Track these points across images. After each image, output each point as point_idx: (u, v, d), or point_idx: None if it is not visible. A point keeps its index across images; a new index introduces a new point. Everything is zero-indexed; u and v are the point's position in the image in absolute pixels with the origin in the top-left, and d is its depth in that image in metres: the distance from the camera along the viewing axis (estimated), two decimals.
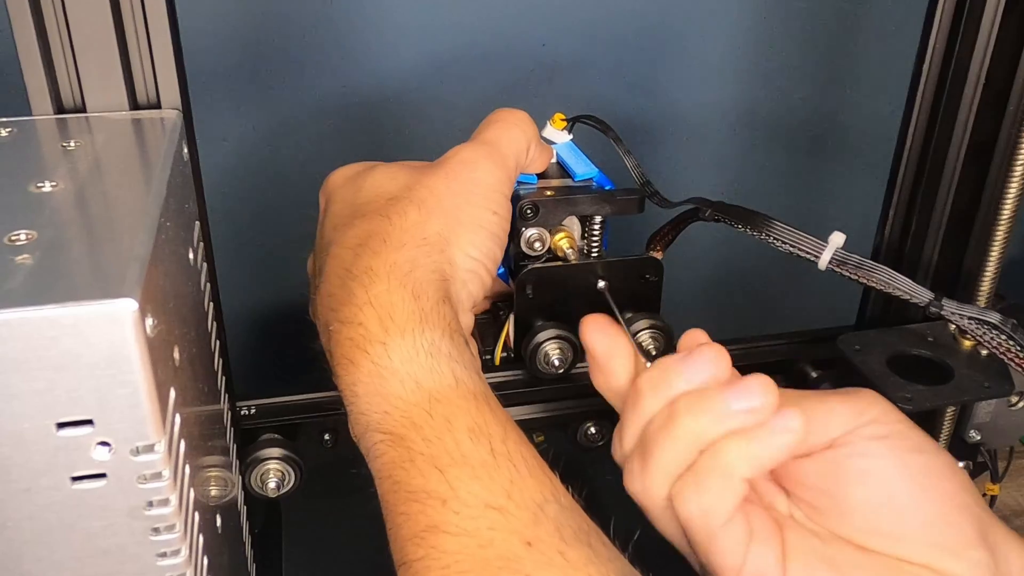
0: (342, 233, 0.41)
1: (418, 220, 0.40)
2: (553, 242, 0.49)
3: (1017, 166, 0.55)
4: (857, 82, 0.91)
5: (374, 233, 0.40)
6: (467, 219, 0.42)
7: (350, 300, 0.38)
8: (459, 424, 0.35)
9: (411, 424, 0.36)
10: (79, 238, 0.33)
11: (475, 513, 0.33)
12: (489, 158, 0.44)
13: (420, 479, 0.35)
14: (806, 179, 0.95)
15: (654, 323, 0.58)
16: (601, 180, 0.51)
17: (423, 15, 0.77)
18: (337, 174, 0.46)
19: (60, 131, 0.42)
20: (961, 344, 0.59)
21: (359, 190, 0.43)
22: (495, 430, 0.36)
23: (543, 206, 0.48)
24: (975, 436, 0.63)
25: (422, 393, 0.36)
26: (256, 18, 0.74)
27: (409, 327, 0.37)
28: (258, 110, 0.77)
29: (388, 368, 0.37)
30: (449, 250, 0.41)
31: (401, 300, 0.38)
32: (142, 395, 0.29)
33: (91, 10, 0.43)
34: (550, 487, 0.35)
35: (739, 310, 1.02)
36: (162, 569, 0.33)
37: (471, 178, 0.43)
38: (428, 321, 0.37)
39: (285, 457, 0.58)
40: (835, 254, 0.51)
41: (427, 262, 0.40)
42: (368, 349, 0.37)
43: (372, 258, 0.39)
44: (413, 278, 0.38)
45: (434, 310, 0.38)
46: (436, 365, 0.37)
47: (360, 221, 0.41)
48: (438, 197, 0.42)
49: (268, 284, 0.85)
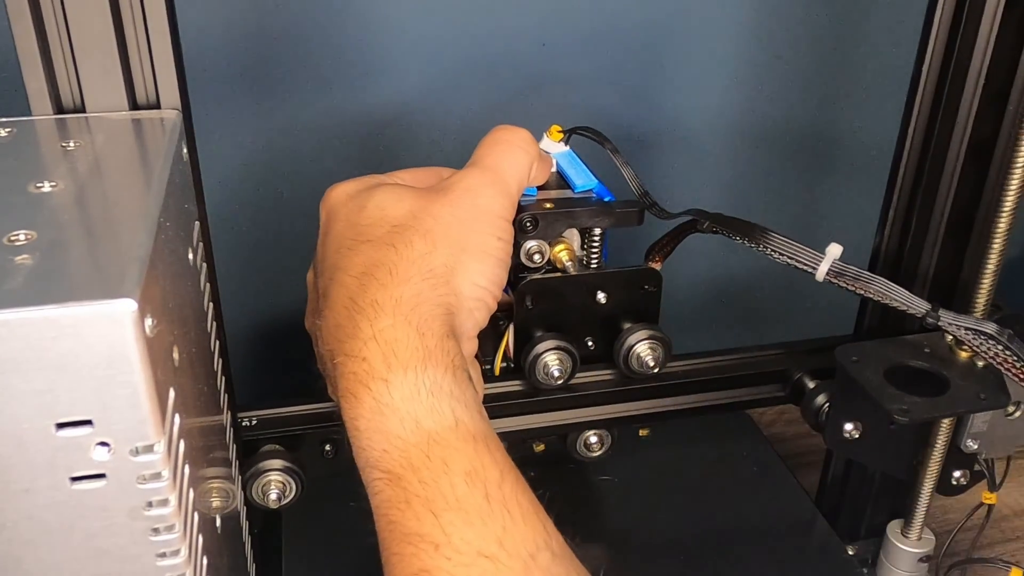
0: (347, 259, 0.41)
1: (424, 251, 0.40)
2: (552, 254, 0.50)
3: (1017, 167, 0.55)
4: (856, 93, 0.91)
5: (380, 263, 0.40)
6: (472, 247, 0.42)
7: (355, 334, 0.38)
8: (456, 467, 0.36)
9: (409, 465, 0.36)
10: (79, 238, 0.33)
11: (467, 560, 0.34)
12: (493, 185, 0.44)
13: (415, 522, 0.35)
14: (804, 188, 0.95)
15: (653, 334, 0.59)
16: (601, 191, 0.51)
17: (421, 21, 0.76)
18: (338, 190, 0.46)
19: (60, 131, 0.42)
20: (958, 355, 0.59)
21: (362, 210, 0.43)
22: (491, 474, 0.36)
23: (542, 219, 0.48)
24: (972, 446, 0.63)
25: (421, 434, 0.36)
26: (257, 18, 0.73)
27: (412, 364, 0.37)
28: (259, 110, 0.77)
29: (389, 406, 0.37)
30: (455, 281, 0.41)
31: (405, 336, 0.38)
32: (142, 395, 0.29)
33: (91, 10, 0.43)
34: (543, 534, 0.36)
35: (737, 320, 1.02)
36: (162, 569, 0.33)
37: (475, 205, 0.43)
38: (432, 359, 0.38)
39: (286, 468, 0.58)
40: (832, 265, 0.51)
41: (432, 296, 0.40)
42: (371, 385, 0.37)
43: (378, 291, 0.39)
44: (418, 314, 0.39)
45: (438, 347, 0.38)
46: (437, 404, 0.37)
47: (365, 248, 0.41)
48: (444, 226, 0.41)
49: (269, 295, 0.85)
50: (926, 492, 0.66)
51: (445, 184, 0.44)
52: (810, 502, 0.75)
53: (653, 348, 0.59)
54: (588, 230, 0.50)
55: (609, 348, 0.60)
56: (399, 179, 0.48)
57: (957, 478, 0.65)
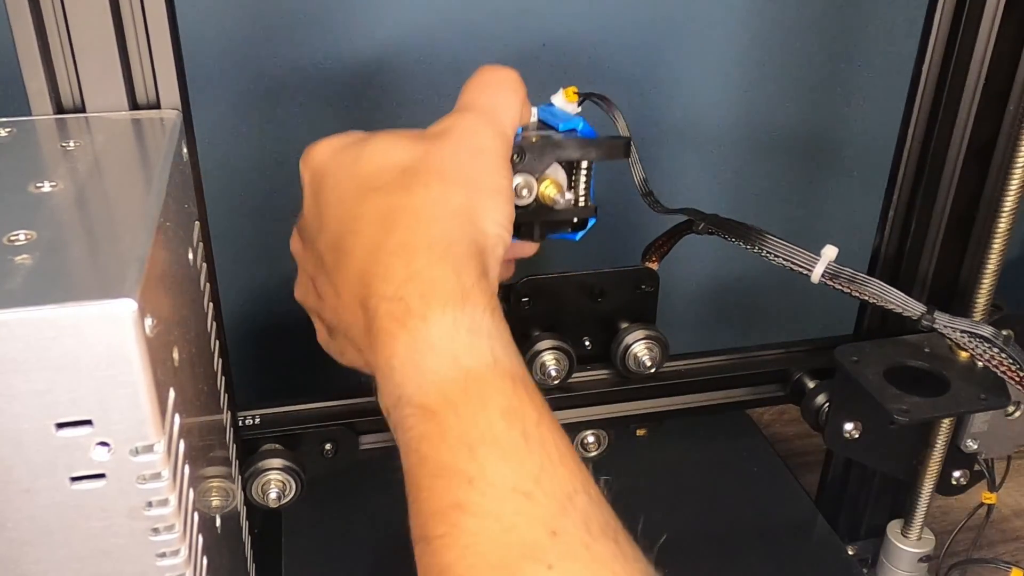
0: (357, 208, 0.40)
1: (443, 192, 0.40)
2: (540, 191, 0.48)
3: (1017, 167, 0.55)
4: (855, 93, 0.91)
5: (400, 207, 0.39)
6: (485, 187, 0.41)
7: (388, 276, 0.37)
8: (494, 404, 0.35)
9: (445, 400, 0.35)
10: (79, 238, 0.33)
11: (501, 496, 0.33)
12: (491, 126, 0.43)
13: (448, 455, 0.34)
14: (804, 188, 0.95)
15: (649, 333, 0.59)
16: (585, 130, 0.50)
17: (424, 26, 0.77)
18: (323, 146, 0.44)
19: (60, 131, 0.42)
20: (957, 355, 0.59)
21: (358, 161, 0.41)
22: (529, 413, 0.35)
23: (529, 150, 0.46)
24: (972, 446, 0.63)
25: (459, 370, 0.35)
26: (257, 17, 0.74)
27: (451, 303, 0.36)
28: (259, 110, 0.77)
29: (427, 343, 0.36)
30: (477, 220, 0.40)
31: (443, 276, 0.37)
32: (141, 395, 0.29)
33: (91, 10, 0.43)
34: (580, 477, 0.35)
35: (736, 320, 1.02)
36: (161, 569, 0.33)
37: (479, 147, 0.42)
38: (470, 298, 0.37)
39: (286, 467, 0.58)
40: (828, 267, 0.51)
41: (463, 235, 0.39)
42: (407, 323, 0.36)
43: (407, 233, 0.38)
44: (453, 254, 0.38)
45: (476, 286, 0.37)
46: (476, 343, 0.36)
47: (376, 195, 0.40)
48: (456, 167, 0.41)
49: (269, 295, 0.85)
50: (926, 492, 0.66)
51: (442, 128, 0.43)
52: (810, 502, 0.75)
53: (650, 348, 0.59)
54: (575, 165, 0.49)
55: (606, 348, 0.60)
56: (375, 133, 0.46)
57: (957, 478, 0.65)
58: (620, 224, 0.81)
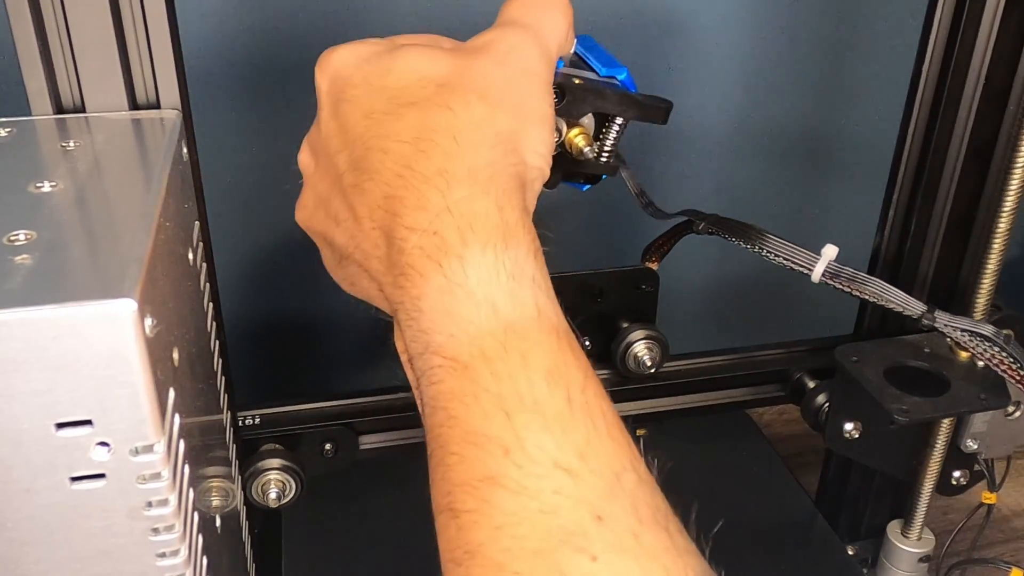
0: (387, 124, 0.35)
1: (486, 114, 0.35)
2: (568, 137, 0.44)
3: (1017, 167, 0.55)
4: (855, 93, 0.91)
5: (438, 127, 0.34)
6: (530, 112, 0.37)
7: (422, 204, 0.33)
8: (536, 363, 0.31)
9: (480, 354, 0.31)
10: (78, 238, 0.33)
11: (541, 471, 0.29)
12: (537, 46, 0.38)
13: (482, 419, 0.30)
14: (804, 188, 0.95)
15: (649, 333, 0.59)
16: (628, 82, 0.46)
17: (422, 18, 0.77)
18: (344, 52, 0.39)
19: (60, 131, 0.42)
20: (958, 355, 0.59)
21: (388, 72, 0.37)
22: (575, 375, 0.31)
23: (570, 92, 0.42)
24: (972, 445, 0.63)
25: (498, 321, 0.31)
26: (257, 16, 0.74)
27: (492, 241, 0.32)
28: (259, 109, 0.77)
29: (463, 286, 0.32)
30: (521, 149, 0.36)
31: (484, 210, 0.33)
32: (141, 395, 0.29)
33: (91, 10, 0.43)
34: (629, 453, 0.31)
35: (736, 320, 1.02)
36: (161, 569, 0.33)
37: (525, 67, 0.37)
38: (513, 237, 0.33)
39: (286, 467, 0.58)
40: (828, 267, 0.51)
41: (505, 165, 0.35)
42: (442, 262, 0.32)
43: (445, 159, 0.34)
44: (495, 185, 0.34)
45: (519, 223, 0.33)
46: (518, 290, 0.32)
47: (410, 111, 0.35)
48: (500, 88, 0.36)
49: (269, 294, 0.85)
50: (926, 492, 0.66)
51: (483, 42, 0.38)
52: (810, 502, 0.75)
53: (650, 348, 0.59)
54: (609, 119, 0.45)
55: (606, 348, 0.60)
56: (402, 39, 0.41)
57: (957, 478, 0.65)
58: (620, 224, 0.81)
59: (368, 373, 0.89)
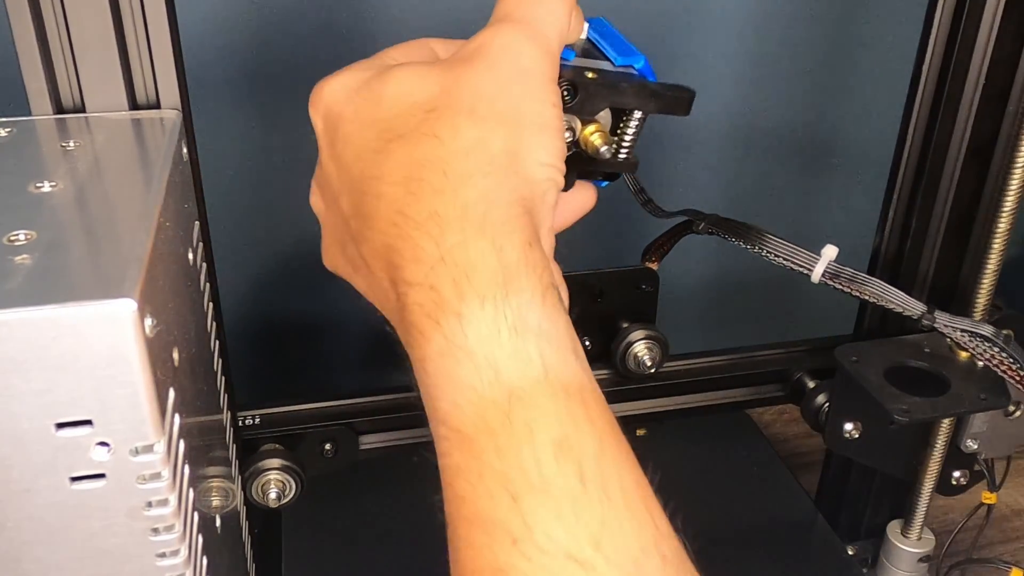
0: (378, 164, 0.33)
1: (476, 136, 0.32)
2: (583, 135, 0.40)
3: (1017, 167, 0.55)
4: (855, 93, 0.91)
5: (426, 162, 0.32)
6: (528, 120, 0.34)
7: (417, 256, 0.31)
8: (543, 435, 0.29)
9: (484, 426, 0.29)
10: (78, 238, 0.33)
11: (553, 565, 0.27)
12: (532, 40, 0.35)
13: (488, 501, 0.29)
14: (804, 188, 0.95)
15: (649, 333, 0.59)
16: (646, 70, 0.43)
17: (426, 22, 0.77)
18: (334, 84, 0.36)
19: (60, 131, 0.42)
20: (958, 355, 0.59)
21: (379, 102, 0.34)
22: (588, 444, 0.29)
23: (583, 89, 0.39)
24: (972, 446, 0.63)
25: (501, 386, 0.29)
26: (257, 16, 0.74)
27: (490, 291, 0.30)
28: (259, 109, 0.77)
29: (463, 348, 0.30)
30: (521, 166, 0.33)
31: (479, 254, 0.31)
32: (141, 395, 0.29)
33: (91, 10, 0.43)
34: (652, 530, 0.29)
35: (736, 319, 1.02)
36: (161, 569, 0.33)
37: (518, 68, 0.34)
38: (514, 281, 0.31)
39: (286, 467, 0.58)
40: (828, 267, 0.51)
41: (502, 193, 0.32)
42: (440, 320, 0.30)
43: (435, 198, 0.31)
44: (491, 221, 0.31)
45: (521, 261, 0.31)
46: (521, 346, 0.30)
47: (398, 146, 0.33)
48: (489, 100, 0.33)
49: (269, 294, 0.85)
50: (926, 492, 0.66)
51: (472, 47, 0.35)
52: (810, 502, 0.75)
53: (650, 348, 0.59)
54: (627, 113, 0.41)
55: (606, 348, 0.60)
56: (390, 58, 0.38)
57: (957, 478, 0.65)
58: (620, 224, 0.81)
59: (368, 373, 0.89)
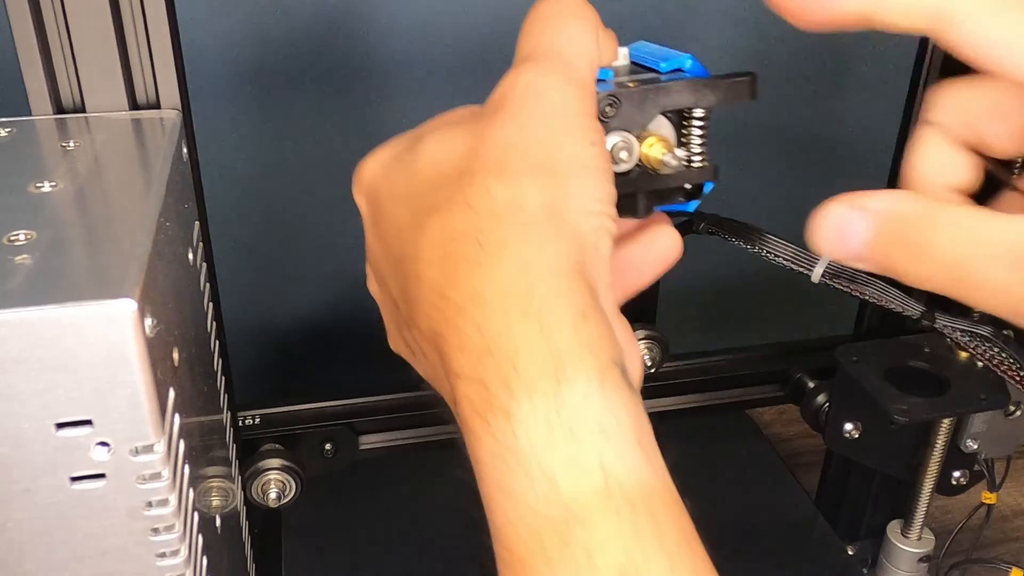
0: (415, 243, 0.31)
1: (508, 196, 0.29)
2: (642, 152, 0.36)
3: (1015, 167, 0.55)
4: (856, 92, 0.91)
5: (460, 235, 0.29)
6: (566, 166, 0.31)
7: (462, 344, 0.29)
8: (604, 562, 0.26)
9: (539, 550, 0.26)
10: (78, 238, 0.33)
11: None
12: (559, 75, 0.32)
13: None
14: (804, 187, 0.95)
15: (650, 333, 0.59)
16: (695, 69, 0.39)
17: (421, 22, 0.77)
18: (371, 163, 0.34)
19: (59, 131, 0.42)
20: (957, 355, 0.59)
21: (413, 175, 0.32)
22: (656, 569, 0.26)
23: (626, 99, 0.35)
24: (972, 445, 0.63)
25: (557, 503, 0.26)
26: (257, 17, 0.74)
27: (540, 385, 0.27)
28: (259, 109, 0.77)
29: (514, 451, 0.27)
30: (564, 220, 0.30)
31: (524, 339, 0.27)
32: (141, 395, 0.29)
33: (91, 10, 0.43)
34: None
35: (736, 319, 1.02)
36: (161, 569, 0.33)
37: (547, 109, 0.31)
38: (565, 367, 0.27)
39: (286, 467, 0.58)
40: (828, 267, 0.51)
41: (545, 258, 0.29)
42: (490, 419, 0.28)
43: (473, 275, 0.29)
44: (536, 296, 0.28)
45: (572, 342, 0.28)
46: (578, 452, 0.27)
47: (434, 220, 0.30)
48: (519, 151, 0.30)
49: (269, 294, 0.85)
50: (926, 492, 0.66)
51: (496, 97, 0.32)
52: (810, 502, 0.75)
53: (650, 348, 0.59)
54: (686, 116, 0.37)
55: None
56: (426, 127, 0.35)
57: (957, 478, 0.65)
58: None
59: (368, 373, 0.89)
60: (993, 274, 0.28)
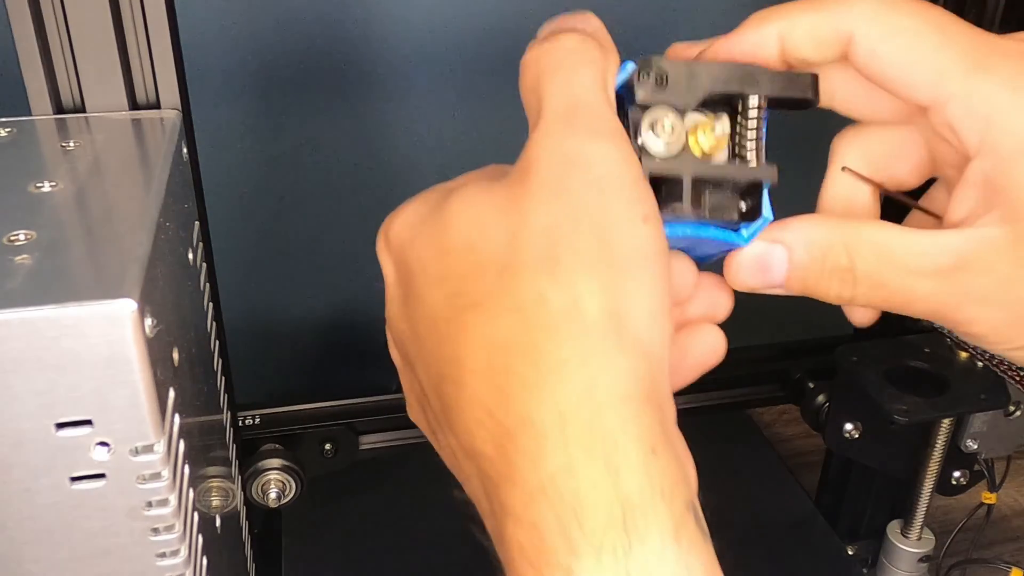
0: (453, 340, 0.27)
1: (564, 302, 0.25)
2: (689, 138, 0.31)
3: None
4: None
5: (511, 346, 0.25)
6: (624, 256, 0.26)
7: (511, 475, 0.25)
8: None
9: None
10: (78, 238, 0.33)
11: None
12: (594, 134, 0.27)
13: None
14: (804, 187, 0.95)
15: None
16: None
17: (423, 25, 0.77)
18: (397, 224, 0.30)
19: (60, 131, 0.42)
20: (957, 355, 0.59)
21: (445, 254, 0.28)
22: None
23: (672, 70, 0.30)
24: (972, 446, 0.63)
25: None
26: (258, 17, 0.74)
27: (608, 540, 0.23)
28: (259, 110, 0.77)
29: None
30: (626, 329, 0.25)
31: (589, 484, 0.24)
32: (141, 395, 0.29)
33: (91, 10, 0.43)
34: None
35: (735, 318, 1.01)
36: (161, 569, 0.33)
37: (596, 185, 0.26)
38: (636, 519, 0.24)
39: (286, 467, 0.58)
40: None
41: (609, 380, 0.25)
42: (544, 572, 0.24)
43: (526, 398, 0.25)
44: (600, 430, 0.24)
45: (644, 485, 0.24)
46: None
47: (475, 318, 0.26)
48: (570, 242, 0.26)
49: (269, 294, 0.85)
50: (926, 492, 0.66)
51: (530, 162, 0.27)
52: (810, 502, 0.75)
53: None
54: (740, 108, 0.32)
55: None
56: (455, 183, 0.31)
57: (957, 478, 0.65)
58: None
59: (368, 373, 0.89)
60: (920, 287, 0.29)
